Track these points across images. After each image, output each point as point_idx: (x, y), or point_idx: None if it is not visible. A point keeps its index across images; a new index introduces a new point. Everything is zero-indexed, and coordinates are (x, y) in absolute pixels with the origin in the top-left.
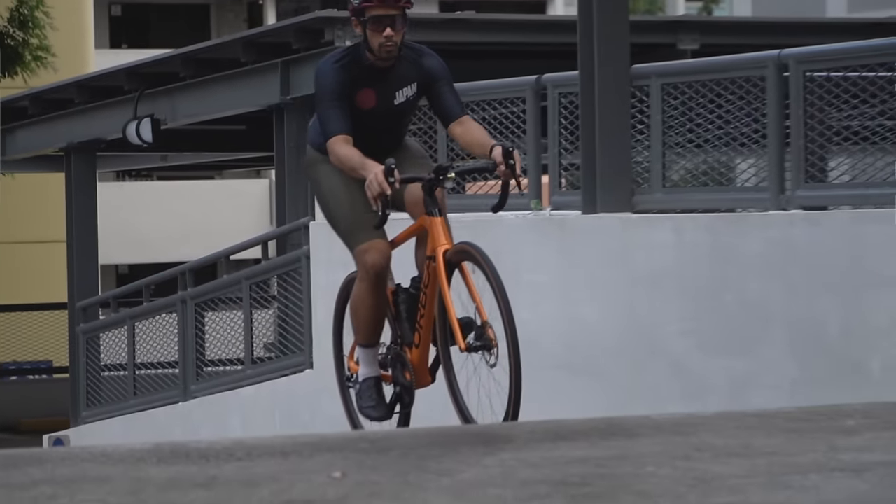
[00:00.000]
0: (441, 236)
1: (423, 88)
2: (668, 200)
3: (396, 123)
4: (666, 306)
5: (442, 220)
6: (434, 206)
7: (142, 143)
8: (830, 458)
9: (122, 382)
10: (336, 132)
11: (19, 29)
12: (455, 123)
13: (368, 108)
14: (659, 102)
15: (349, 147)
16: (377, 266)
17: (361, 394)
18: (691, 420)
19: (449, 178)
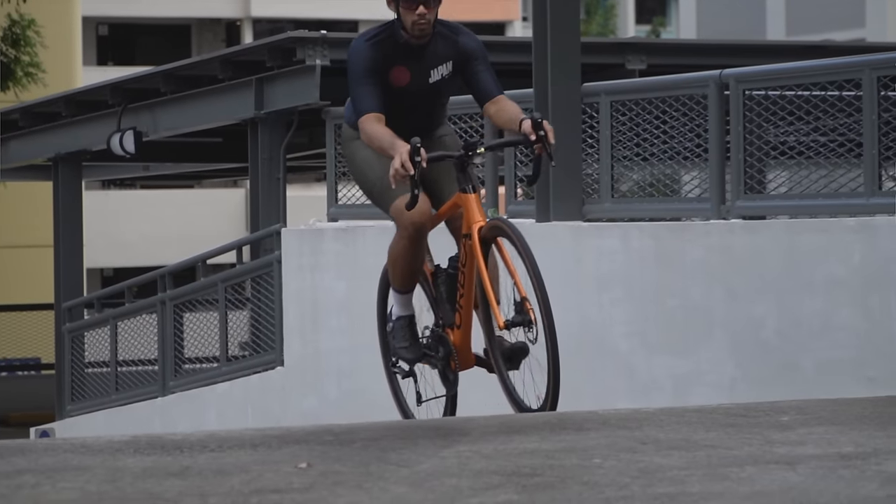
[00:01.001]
0: (476, 213)
1: (458, 67)
2: (617, 210)
3: (432, 103)
4: (614, 309)
5: (476, 196)
6: (467, 183)
7: (125, 154)
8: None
9: (104, 378)
10: (367, 110)
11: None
12: (490, 103)
13: (402, 87)
14: (608, 118)
15: (380, 125)
16: (416, 223)
17: (395, 333)
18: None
19: (478, 153)
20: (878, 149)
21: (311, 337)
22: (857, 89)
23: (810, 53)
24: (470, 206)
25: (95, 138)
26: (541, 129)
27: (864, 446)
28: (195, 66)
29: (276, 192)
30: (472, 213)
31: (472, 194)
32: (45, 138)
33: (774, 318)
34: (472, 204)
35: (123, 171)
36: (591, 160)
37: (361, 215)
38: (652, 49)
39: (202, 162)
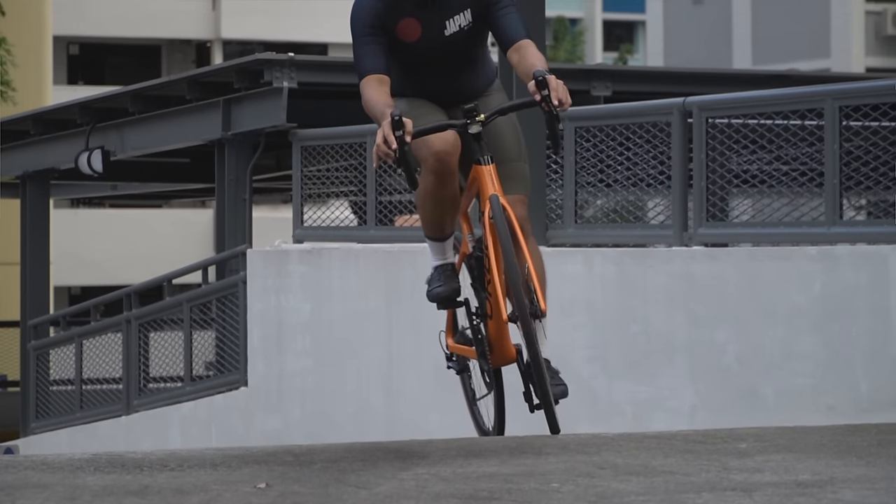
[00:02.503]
0: (489, 186)
1: (479, 15)
2: (580, 235)
3: (457, 61)
4: (576, 333)
5: (493, 167)
6: (482, 153)
7: (93, 173)
8: (723, 478)
9: (69, 396)
10: (366, 71)
11: None
12: (512, 50)
13: (413, 42)
14: (572, 144)
15: (376, 89)
16: (440, 152)
17: (431, 280)
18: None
19: (478, 121)
20: (840, 178)
21: (276, 358)
22: (819, 119)
23: (775, 82)
24: (484, 178)
25: (64, 157)
26: (545, 88)
27: (821, 474)
28: (164, 87)
29: (243, 213)
30: (486, 186)
31: (488, 165)
32: (13, 156)
33: (735, 345)
34: (485, 176)
35: (91, 190)
36: (556, 185)
37: (327, 237)
38: (618, 76)
39: (170, 182)
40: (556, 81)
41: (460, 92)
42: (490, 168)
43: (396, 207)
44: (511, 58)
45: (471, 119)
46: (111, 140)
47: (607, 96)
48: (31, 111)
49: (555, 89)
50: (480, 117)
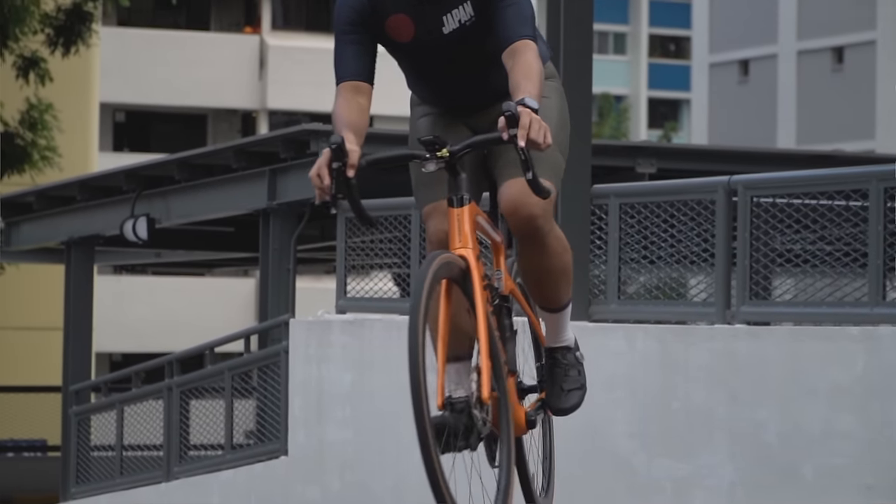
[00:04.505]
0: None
1: (480, 9)
2: (622, 311)
3: (465, 62)
4: (616, 409)
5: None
6: (453, 191)
7: (137, 241)
8: None
9: (109, 462)
10: (339, 77)
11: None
12: (506, 54)
13: (407, 42)
14: (616, 220)
15: (343, 101)
16: (439, 233)
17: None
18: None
19: (440, 156)
20: (884, 259)
21: (316, 428)
22: (864, 199)
23: (819, 163)
24: (451, 226)
25: (109, 223)
26: (514, 127)
27: None
28: (210, 155)
29: (286, 282)
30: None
31: (458, 207)
32: (58, 222)
33: (776, 423)
34: (452, 223)
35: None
36: (599, 261)
37: (369, 308)
38: (663, 153)
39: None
40: (530, 117)
41: (488, 93)
42: (461, 212)
43: None
44: (505, 63)
45: (431, 153)
46: (156, 207)
47: (652, 173)
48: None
49: (524, 127)
50: (443, 152)
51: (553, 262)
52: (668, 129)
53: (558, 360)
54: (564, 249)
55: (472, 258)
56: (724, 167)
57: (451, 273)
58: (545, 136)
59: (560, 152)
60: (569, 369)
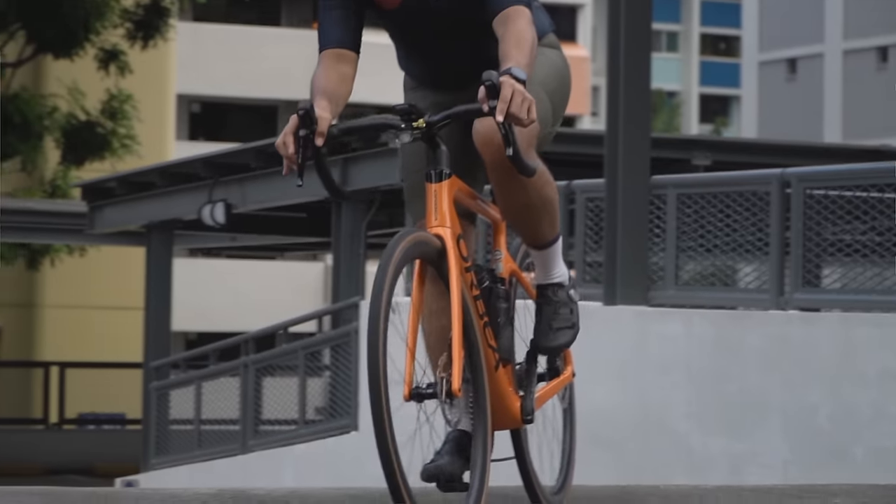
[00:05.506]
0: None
1: None
2: (680, 297)
3: (453, 33)
4: (674, 391)
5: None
6: (435, 165)
7: (215, 225)
8: None
9: (187, 435)
10: (321, 45)
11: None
12: (497, 21)
13: (394, 9)
14: (674, 210)
15: (323, 69)
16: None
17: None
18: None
19: (417, 126)
20: None
21: None
22: None
23: (867, 157)
24: (428, 202)
25: (187, 208)
26: (495, 98)
27: None
28: None
29: (357, 266)
30: (428, 216)
31: (435, 183)
32: (139, 206)
33: (828, 406)
34: (430, 199)
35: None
36: (658, 249)
37: None
38: (717, 146)
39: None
40: (513, 89)
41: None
42: (439, 187)
43: None
44: (497, 31)
45: (406, 122)
46: (233, 193)
47: (707, 165)
48: (157, 164)
49: (505, 100)
50: (419, 123)
51: (533, 196)
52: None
53: (549, 298)
54: (546, 182)
55: (448, 237)
56: (776, 160)
57: (425, 253)
58: (529, 111)
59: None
60: (559, 307)
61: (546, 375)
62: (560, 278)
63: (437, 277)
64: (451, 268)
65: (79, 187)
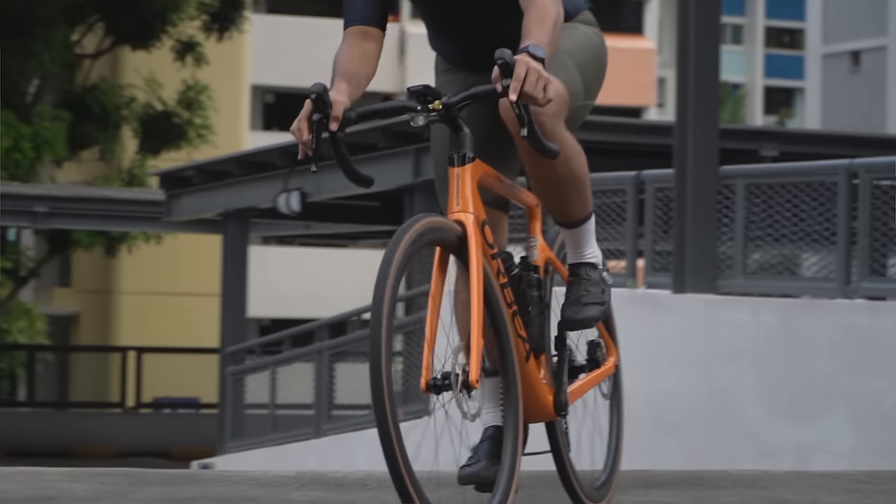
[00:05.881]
0: (453, 199)
1: None
2: (748, 285)
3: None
4: (741, 377)
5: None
6: (457, 148)
7: (290, 213)
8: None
9: (262, 419)
10: (346, 22)
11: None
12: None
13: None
14: (743, 200)
15: (346, 47)
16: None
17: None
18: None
19: (432, 108)
20: None
21: None
22: None
23: None
24: (450, 187)
25: (262, 197)
26: (509, 76)
27: None
28: (358, 135)
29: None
30: (450, 201)
31: (457, 167)
32: (215, 195)
33: (894, 394)
34: (452, 184)
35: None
36: (726, 238)
37: None
38: (784, 137)
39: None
40: (527, 67)
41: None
42: (462, 171)
43: None
44: (522, 7)
45: (422, 105)
46: (308, 182)
47: (774, 156)
48: (234, 153)
49: (519, 78)
50: (435, 104)
51: (561, 170)
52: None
53: (580, 276)
54: (575, 154)
55: (470, 223)
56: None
57: (442, 240)
58: (545, 89)
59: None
60: (590, 285)
61: (586, 367)
62: (593, 258)
63: (464, 266)
64: (472, 254)
65: (157, 176)
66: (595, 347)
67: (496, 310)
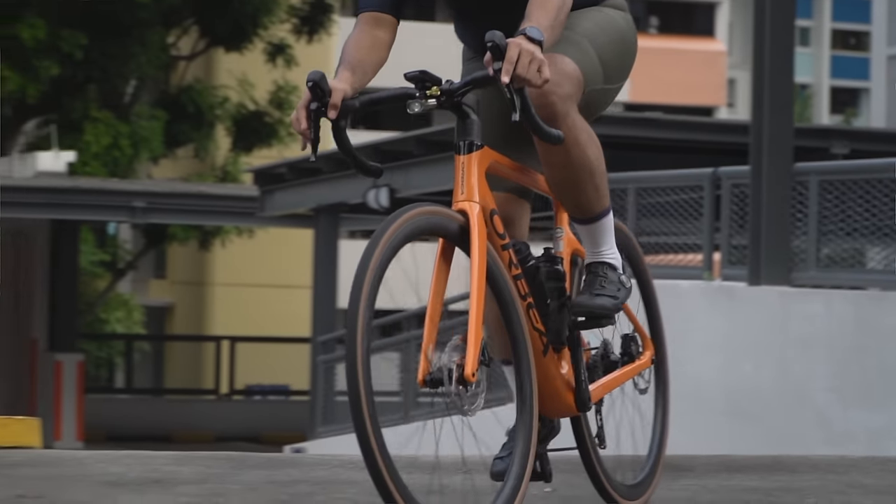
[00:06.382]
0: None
1: None
2: (821, 277)
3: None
4: (814, 366)
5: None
6: (463, 135)
7: (379, 208)
8: None
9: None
10: (361, 6)
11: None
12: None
13: None
14: (816, 195)
15: (356, 34)
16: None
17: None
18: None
19: (431, 94)
20: None
21: None
22: None
23: None
24: (456, 176)
25: (352, 193)
26: (500, 59)
27: None
28: (444, 133)
29: None
30: (455, 190)
31: (464, 154)
32: (307, 191)
33: None
34: (458, 172)
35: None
36: (800, 232)
37: None
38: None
39: None
40: (519, 49)
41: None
42: (467, 159)
43: (653, 247)
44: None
45: (420, 90)
46: (396, 179)
47: (844, 154)
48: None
49: (511, 61)
50: (433, 90)
51: (574, 154)
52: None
53: (597, 273)
54: (588, 141)
55: (474, 212)
56: None
57: (444, 231)
58: (539, 72)
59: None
60: (606, 281)
61: (619, 361)
62: (611, 258)
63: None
64: (474, 244)
65: (251, 173)
66: (629, 341)
67: (507, 302)
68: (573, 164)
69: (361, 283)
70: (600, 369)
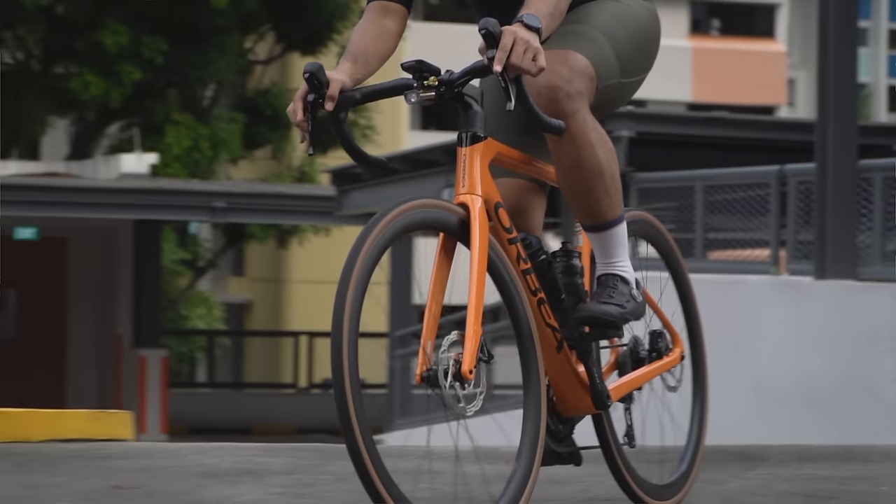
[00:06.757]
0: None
1: None
2: (887, 272)
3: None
4: (881, 359)
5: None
6: (466, 126)
7: None
8: None
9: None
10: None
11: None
12: None
13: None
14: (880, 192)
15: (365, 21)
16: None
17: None
18: None
19: (428, 84)
20: None
21: None
22: None
23: None
24: (457, 168)
25: (427, 192)
26: (493, 48)
27: None
28: None
29: None
30: (457, 183)
31: (465, 147)
32: (383, 190)
33: None
34: (459, 164)
35: None
36: (865, 227)
37: None
38: None
39: None
40: (514, 37)
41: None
42: (470, 151)
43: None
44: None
45: (418, 81)
46: None
47: None
48: (401, 151)
49: (504, 49)
50: (430, 80)
51: (582, 153)
52: None
53: (607, 285)
54: (598, 140)
55: (476, 205)
56: None
57: (443, 225)
58: (534, 59)
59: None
60: (616, 293)
61: (646, 357)
62: (623, 271)
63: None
64: (474, 237)
65: (328, 173)
66: (657, 338)
67: (512, 297)
68: (583, 163)
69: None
70: (629, 366)
